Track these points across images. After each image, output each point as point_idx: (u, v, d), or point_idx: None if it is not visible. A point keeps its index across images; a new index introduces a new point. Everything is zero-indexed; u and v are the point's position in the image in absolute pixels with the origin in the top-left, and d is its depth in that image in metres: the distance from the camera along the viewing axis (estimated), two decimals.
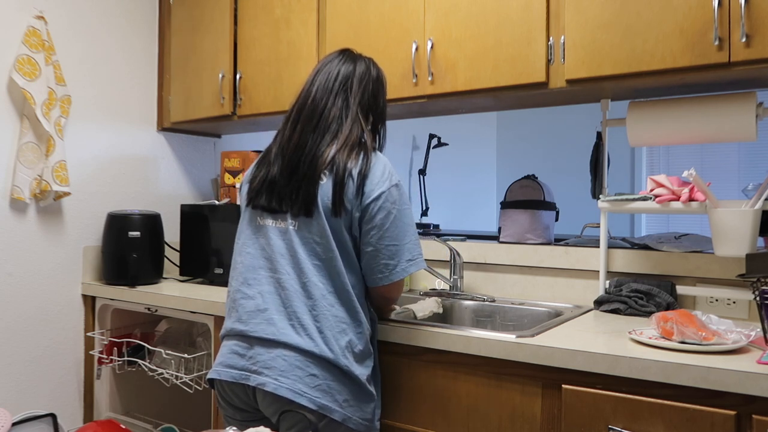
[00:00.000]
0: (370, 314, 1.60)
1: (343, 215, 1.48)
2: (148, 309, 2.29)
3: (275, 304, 1.48)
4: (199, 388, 2.23)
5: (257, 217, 1.57)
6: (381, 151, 1.63)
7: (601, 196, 1.90)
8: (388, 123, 1.70)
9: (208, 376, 1.55)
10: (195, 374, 2.21)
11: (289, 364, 1.43)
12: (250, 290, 1.52)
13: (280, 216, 1.52)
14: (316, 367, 1.43)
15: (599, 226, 1.96)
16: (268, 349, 1.45)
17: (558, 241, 2.21)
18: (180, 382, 2.22)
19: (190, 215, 2.50)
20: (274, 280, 1.50)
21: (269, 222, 1.54)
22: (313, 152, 1.50)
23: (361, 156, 1.51)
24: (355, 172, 1.48)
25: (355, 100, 1.56)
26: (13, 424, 2.16)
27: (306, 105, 1.56)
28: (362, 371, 1.48)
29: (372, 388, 1.52)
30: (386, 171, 1.52)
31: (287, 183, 1.51)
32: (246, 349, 1.48)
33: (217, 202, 2.51)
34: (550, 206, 2.23)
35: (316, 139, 1.52)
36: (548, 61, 1.76)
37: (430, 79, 1.94)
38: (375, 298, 1.62)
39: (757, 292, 1.37)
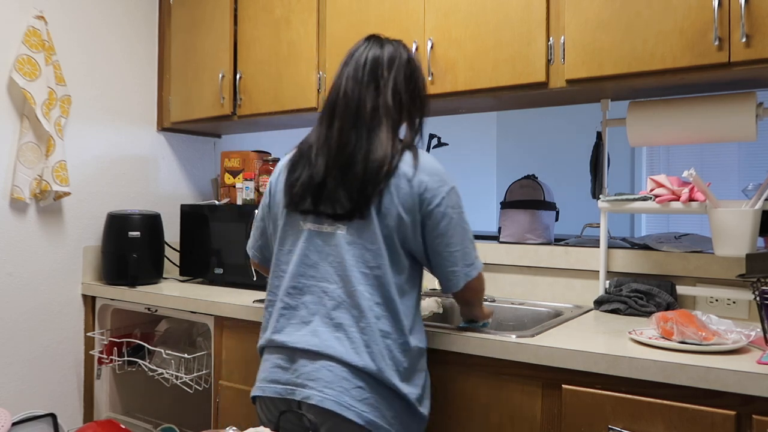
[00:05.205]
0: (419, 327, 1.47)
1: (398, 221, 1.39)
2: (148, 309, 2.29)
3: (320, 314, 1.40)
4: (199, 388, 2.23)
5: (300, 221, 1.46)
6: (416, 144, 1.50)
7: (601, 196, 1.90)
8: None
9: (252, 394, 1.46)
10: (195, 374, 2.21)
11: (334, 375, 1.35)
12: (293, 300, 1.44)
13: (327, 221, 1.42)
14: (362, 380, 1.35)
15: (599, 226, 1.96)
16: (312, 361, 1.37)
17: (558, 241, 2.21)
18: (180, 382, 2.21)
19: (190, 215, 2.50)
20: (318, 289, 1.41)
21: (313, 227, 1.44)
22: (362, 153, 1.39)
23: (413, 157, 1.42)
24: (411, 174, 1.39)
25: (387, 88, 1.44)
26: (13, 424, 2.16)
27: (338, 100, 1.45)
28: (410, 390, 1.39)
29: (421, 408, 1.42)
30: (442, 173, 1.43)
31: (337, 186, 1.40)
32: (289, 362, 1.40)
33: (217, 202, 2.52)
34: (550, 206, 2.23)
35: (360, 137, 1.41)
36: (548, 61, 1.76)
37: (430, 79, 1.94)
38: (459, 300, 1.57)
39: (757, 292, 1.37)
